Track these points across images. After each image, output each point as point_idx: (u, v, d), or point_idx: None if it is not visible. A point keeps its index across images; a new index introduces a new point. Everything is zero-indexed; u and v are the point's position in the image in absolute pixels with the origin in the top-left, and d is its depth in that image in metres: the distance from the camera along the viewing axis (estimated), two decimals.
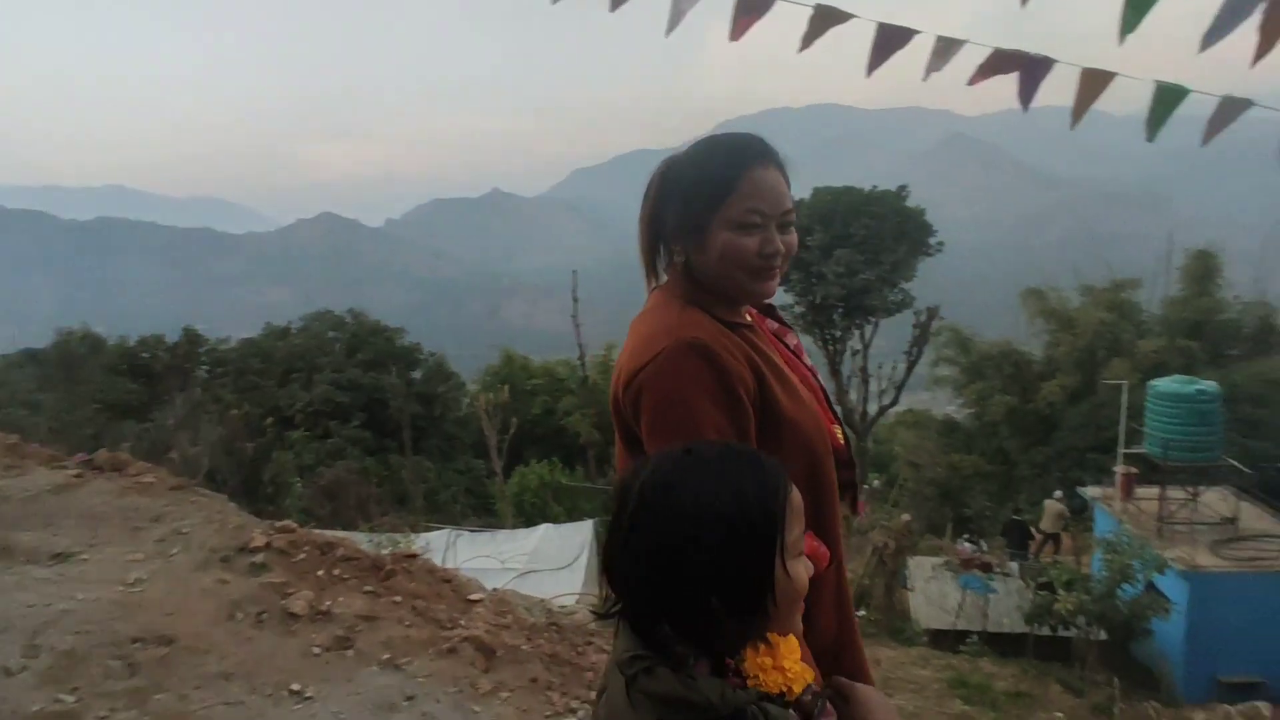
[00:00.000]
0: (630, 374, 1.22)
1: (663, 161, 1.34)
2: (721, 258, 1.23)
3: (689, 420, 1.16)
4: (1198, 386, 11.05)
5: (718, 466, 0.89)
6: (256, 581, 2.79)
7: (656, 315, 1.28)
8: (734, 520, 0.85)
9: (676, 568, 0.84)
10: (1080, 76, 1.42)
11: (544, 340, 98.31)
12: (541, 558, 11.47)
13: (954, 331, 22.79)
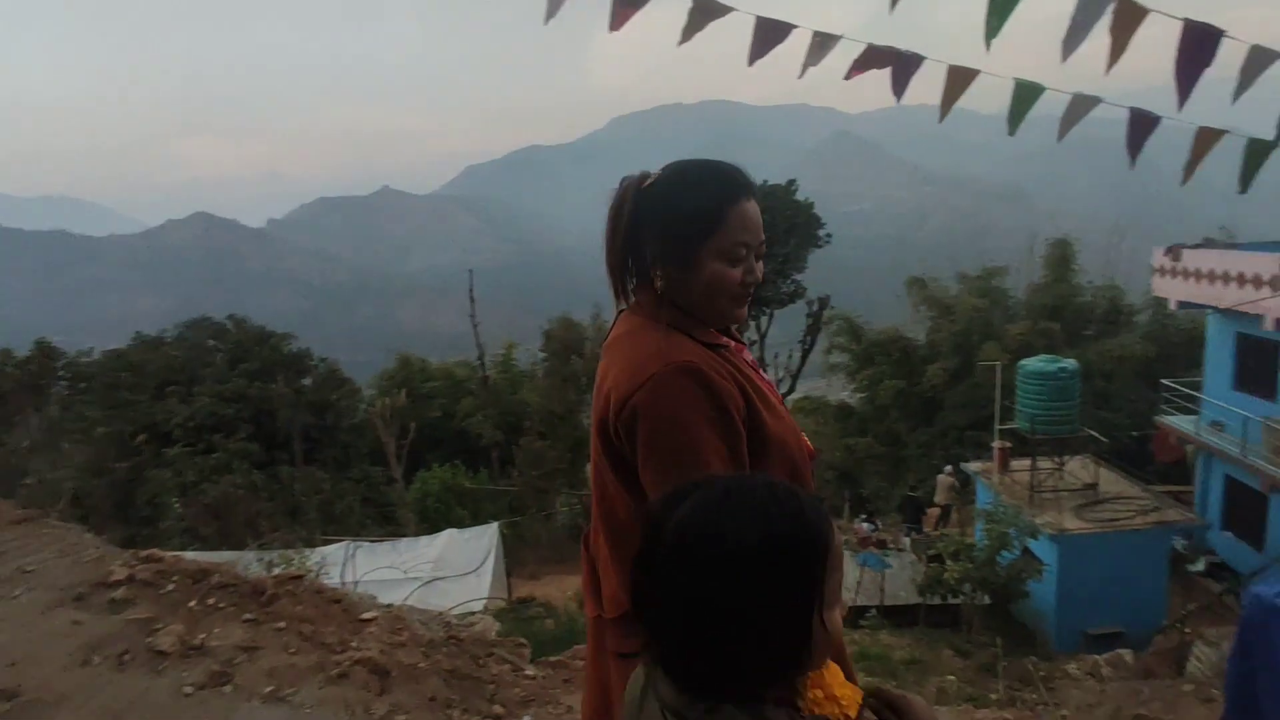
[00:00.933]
0: (622, 399, 1.21)
1: (631, 183, 1.32)
2: (708, 286, 1.27)
3: (686, 443, 1.17)
4: (1060, 365, 11.93)
5: (760, 513, 0.83)
6: (118, 619, 2.53)
7: (640, 339, 1.27)
8: (773, 574, 0.81)
9: (712, 617, 0.81)
10: (947, 73, 1.47)
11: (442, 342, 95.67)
12: (446, 564, 11.17)
13: (845, 320, 23.71)
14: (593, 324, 26.06)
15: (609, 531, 1.37)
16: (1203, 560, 13.02)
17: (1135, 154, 1.48)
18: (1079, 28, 1.29)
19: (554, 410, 23.52)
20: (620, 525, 1.33)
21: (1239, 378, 13.17)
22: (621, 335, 1.34)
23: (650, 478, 1.21)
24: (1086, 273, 22.93)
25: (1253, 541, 12.45)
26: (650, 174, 1.35)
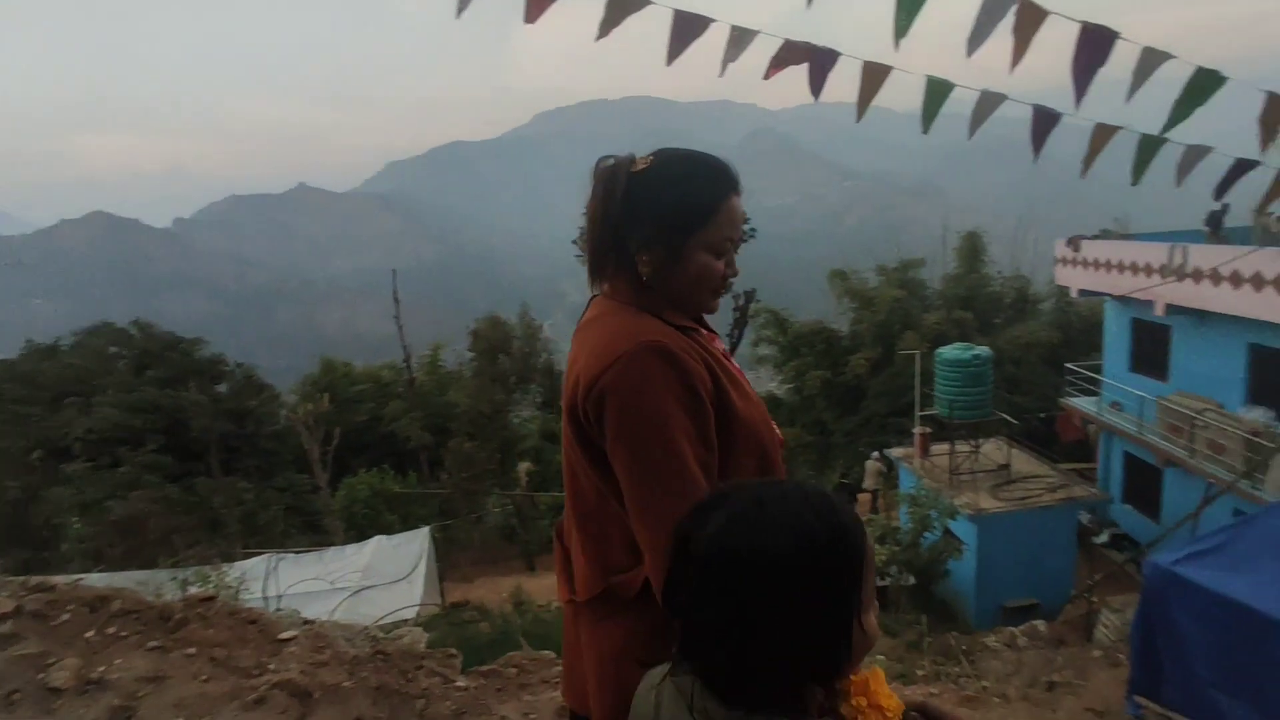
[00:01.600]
0: (591, 379, 1.20)
1: (620, 165, 1.30)
2: (694, 277, 1.29)
3: (655, 421, 1.17)
4: (973, 352, 12.44)
5: (797, 523, 0.83)
6: (3, 656, 2.33)
7: (610, 322, 1.28)
8: (812, 584, 0.81)
9: (753, 630, 0.80)
10: (862, 70, 1.49)
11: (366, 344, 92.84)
12: (376, 573, 10.85)
13: (771, 313, 24.12)
14: (520, 322, 25.78)
15: (578, 516, 1.36)
16: (1106, 532, 13.83)
17: (1038, 149, 1.54)
18: (983, 27, 1.32)
19: (483, 410, 23.17)
20: (590, 509, 1.32)
21: (1135, 360, 14.02)
22: (593, 319, 1.33)
23: (620, 456, 1.20)
24: (996, 263, 24.02)
25: (1150, 513, 13.30)
26: (637, 158, 1.33)
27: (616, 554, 1.30)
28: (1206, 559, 5.78)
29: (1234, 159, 1.74)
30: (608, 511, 1.29)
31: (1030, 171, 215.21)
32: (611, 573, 1.31)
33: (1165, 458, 12.19)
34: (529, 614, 9.91)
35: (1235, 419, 10.90)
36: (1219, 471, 10.68)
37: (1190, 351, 12.36)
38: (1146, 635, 5.95)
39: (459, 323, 31.48)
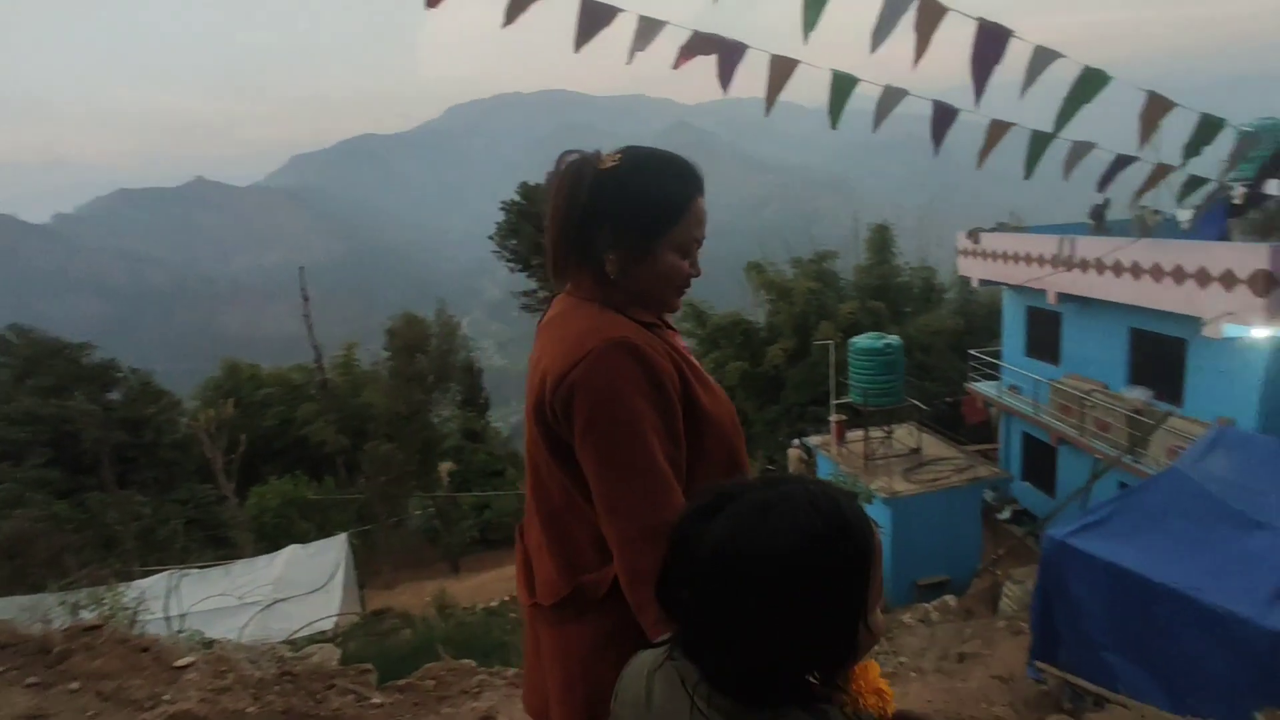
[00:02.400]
0: (559, 376, 1.19)
1: (586, 163, 1.28)
2: (661, 277, 1.29)
3: (625, 418, 1.17)
4: (885, 341, 12.89)
5: (803, 525, 0.82)
6: None
7: (576, 318, 1.27)
8: (819, 585, 0.81)
9: (761, 631, 0.81)
10: (769, 64, 1.49)
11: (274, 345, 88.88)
12: (289, 584, 10.42)
13: (690, 305, 24.36)
14: (437, 320, 25.20)
15: (543, 516, 1.34)
16: (1008, 509, 14.63)
17: (939, 143, 1.58)
18: (886, 22, 1.34)
19: (400, 411, 22.56)
20: (556, 507, 1.31)
21: (1030, 346, 14.85)
22: (557, 315, 1.33)
23: (589, 453, 1.20)
24: (904, 255, 24.97)
25: (1046, 489, 14.14)
26: (603, 155, 1.30)
27: (584, 553, 1.29)
28: (1096, 530, 6.18)
29: (1115, 155, 1.84)
30: (575, 510, 1.28)
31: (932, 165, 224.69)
32: (580, 572, 1.30)
33: (1058, 436, 12.97)
34: (453, 618, 9.72)
35: (1119, 398, 11.69)
36: (1105, 448, 11.43)
37: (1078, 336, 13.18)
38: (1045, 604, 6.32)
39: (373, 321, 30.54)
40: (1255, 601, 5.17)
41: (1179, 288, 10.08)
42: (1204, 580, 5.42)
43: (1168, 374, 11.10)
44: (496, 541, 20.68)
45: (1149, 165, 2.06)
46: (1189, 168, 1.98)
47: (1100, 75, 1.49)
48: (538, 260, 22.57)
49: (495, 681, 3.17)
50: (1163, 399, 11.06)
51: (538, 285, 23.53)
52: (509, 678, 3.23)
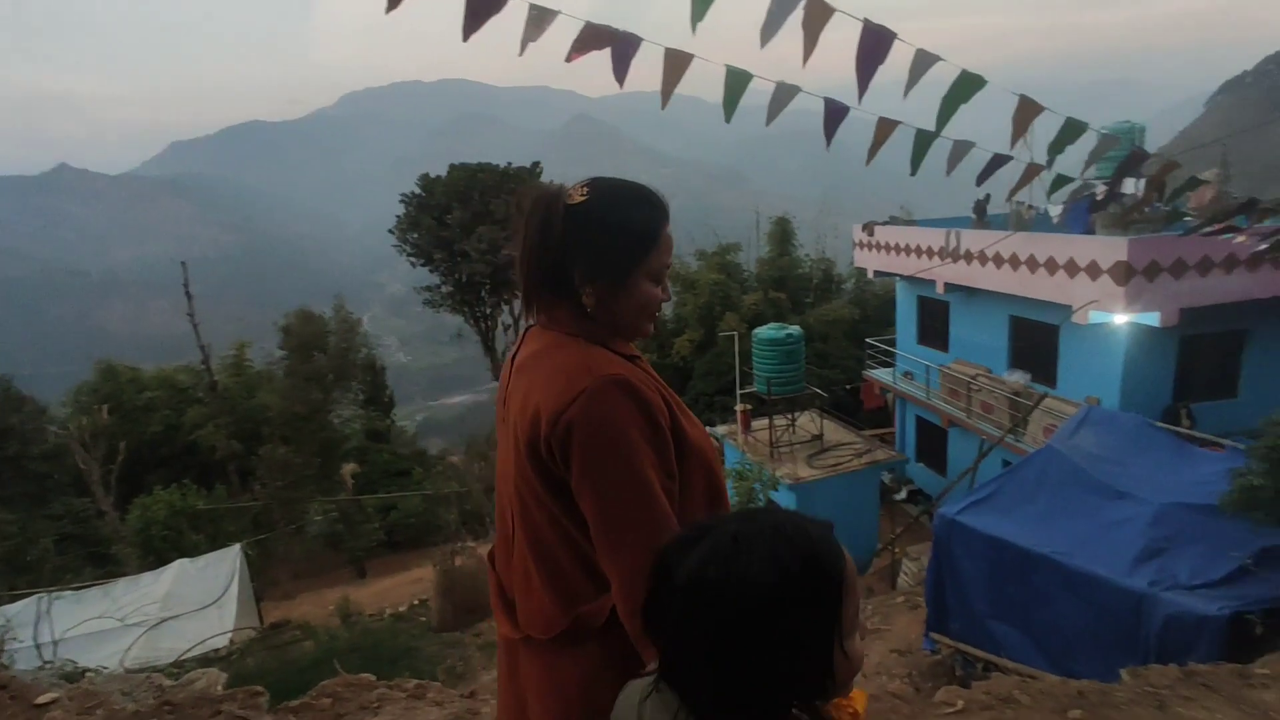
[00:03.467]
0: (554, 414, 1.20)
1: (553, 198, 1.28)
2: (638, 305, 1.31)
3: (625, 455, 1.18)
4: (787, 331, 13.27)
5: (772, 557, 0.84)
6: None
7: (562, 355, 1.27)
8: (791, 615, 0.83)
9: (735, 661, 0.82)
10: (664, 57, 1.50)
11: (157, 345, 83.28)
12: (178, 601, 9.80)
13: None
14: (335, 316, 24.20)
15: (534, 550, 1.34)
16: (904, 490, 15.39)
17: (830, 138, 1.63)
18: (774, 19, 1.37)
19: (298, 412, 21.53)
20: (548, 542, 1.31)
21: (921, 333, 15.64)
22: (538, 352, 1.32)
23: (588, 489, 1.21)
24: (803, 247, 25.77)
25: (938, 469, 14.95)
26: (566, 189, 1.31)
27: (579, 583, 1.30)
28: (981, 506, 6.57)
29: (992, 154, 1.94)
30: (567, 542, 1.29)
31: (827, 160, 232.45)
32: (577, 603, 1.30)
33: (948, 419, 13.72)
34: (358, 626, 9.40)
35: (1001, 382, 12.48)
36: (990, 428, 12.18)
37: (964, 324, 13.98)
38: (937, 578, 6.69)
39: (266, 318, 29.03)
40: (1119, 564, 5.62)
41: (1051, 278, 10.84)
42: (1074, 547, 5.85)
43: (1043, 358, 11.93)
44: (403, 544, 20.12)
45: (1022, 164, 2.19)
46: (1056, 166, 2.12)
47: (976, 79, 1.57)
48: (440, 254, 22.02)
49: (395, 695, 3.07)
50: (1039, 381, 11.87)
51: (440, 280, 22.94)
52: (410, 690, 3.13)
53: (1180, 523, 5.86)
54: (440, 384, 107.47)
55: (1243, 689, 3.18)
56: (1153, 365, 10.46)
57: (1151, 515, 5.92)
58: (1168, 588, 5.34)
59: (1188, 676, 3.30)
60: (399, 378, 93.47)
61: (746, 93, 1.68)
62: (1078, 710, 2.96)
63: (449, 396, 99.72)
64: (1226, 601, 5.12)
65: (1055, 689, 3.20)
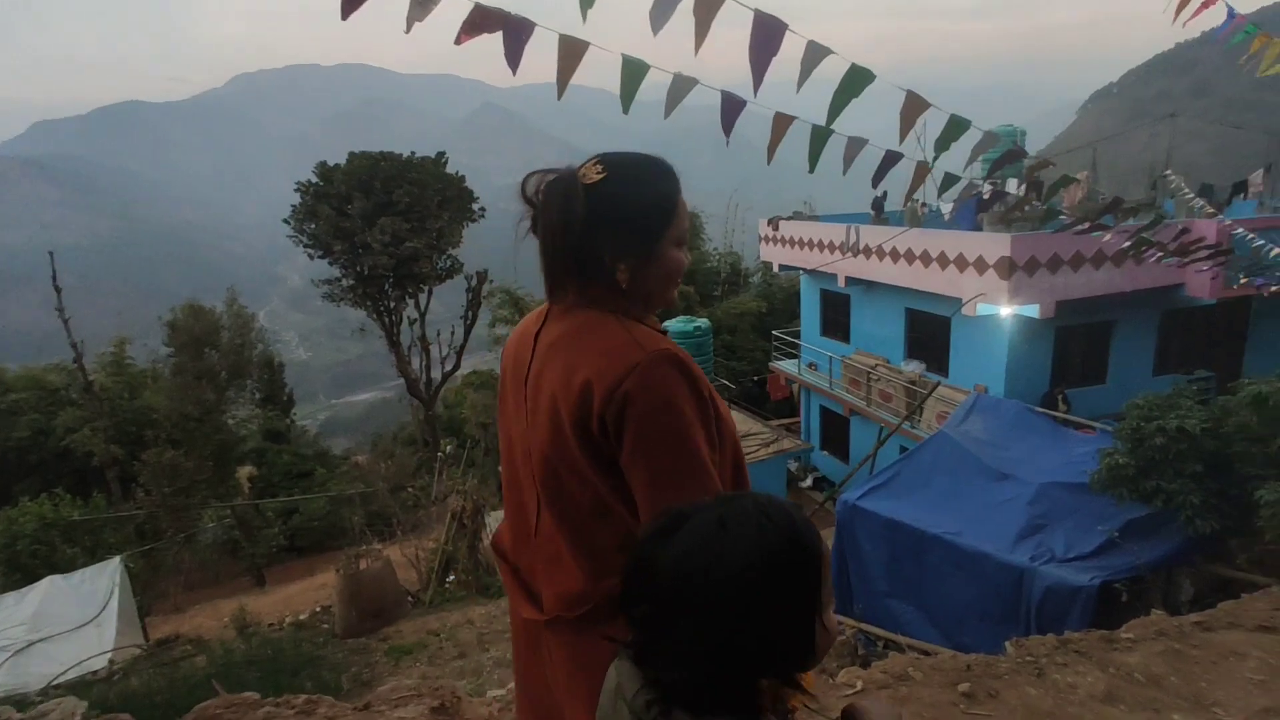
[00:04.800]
0: (609, 388, 1.20)
1: (568, 181, 1.27)
2: (668, 273, 1.33)
3: (679, 427, 1.20)
4: (695, 324, 13.46)
5: (757, 538, 0.86)
6: None
7: (603, 330, 1.27)
8: (778, 595, 0.85)
9: (723, 643, 0.84)
10: (559, 44, 1.46)
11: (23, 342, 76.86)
12: (49, 621, 9.04)
13: (506, 293, 24.04)
14: (228, 310, 22.90)
15: (567, 526, 1.33)
16: (810, 477, 15.90)
17: (728, 132, 1.64)
18: (664, 6, 1.35)
19: (188, 413, 20.27)
20: (582, 517, 1.31)
21: (824, 325, 16.17)
22: (574, 329, 1.31)
23: (642, 462, 1.21)
24: (712, 241, 26.16)
25: (841, 456, 15.52)
26: (579, 168, 1.30)
27: (613, 558, 1.27)
28: (880, 491, 6.86)
29: (885, 151, 2.00)
30: (607, 515, 1.29)
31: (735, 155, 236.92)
32: (607, 576, 1.29)
33: (850, 408, 14.26)
34: (255, 637, 8.93)
35: (898, 371, 13.06)
36: (888, 416, 12.73)
37: (864, 316, 14.54)
38: (840, 562, 6.94)
39: (150, 312, 27.19)
40: (1003, 542, 5.98)
41: (943, 272, 11.40)
42: (963, 527, 6.18)
43: (936, 348, 12.55)
44: (307, 548, 19.28)
45: (913, 162, 2.27)
46: (945, 165, 2.20)
47: (865, 73, 1.61)
48: (339, 246, 21.10)
49: (284, 712, 2.92)
50: (933, 370, 12.48)
51: (341, 273, 22.01)
52: (299, 705, 2.98)
53: (1056, 501, 6.30)
54: (344, 381, 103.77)
55: (1110, 653, 3.44)
56: (1033, 354, 11.17)
57: (1031, 495, 6.33)
58: (1045, 562, 5.72)
59: (1063, 644, 3.54)
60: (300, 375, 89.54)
61: (654, 87, 1.66)
62: (966, 684, 3.13)
63: (354, 394, 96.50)
64: (1097, 572, 5.54)
65: (946, 664, 3.36)
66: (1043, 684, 3.19)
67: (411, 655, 8.30)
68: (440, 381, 23.81)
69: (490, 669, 7.32)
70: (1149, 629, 3.68)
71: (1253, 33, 2.48)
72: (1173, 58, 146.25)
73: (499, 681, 6.43)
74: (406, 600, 10.69)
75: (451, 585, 11.33)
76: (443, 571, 11.36)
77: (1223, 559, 6.25)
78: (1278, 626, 3.75)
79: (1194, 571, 6.25)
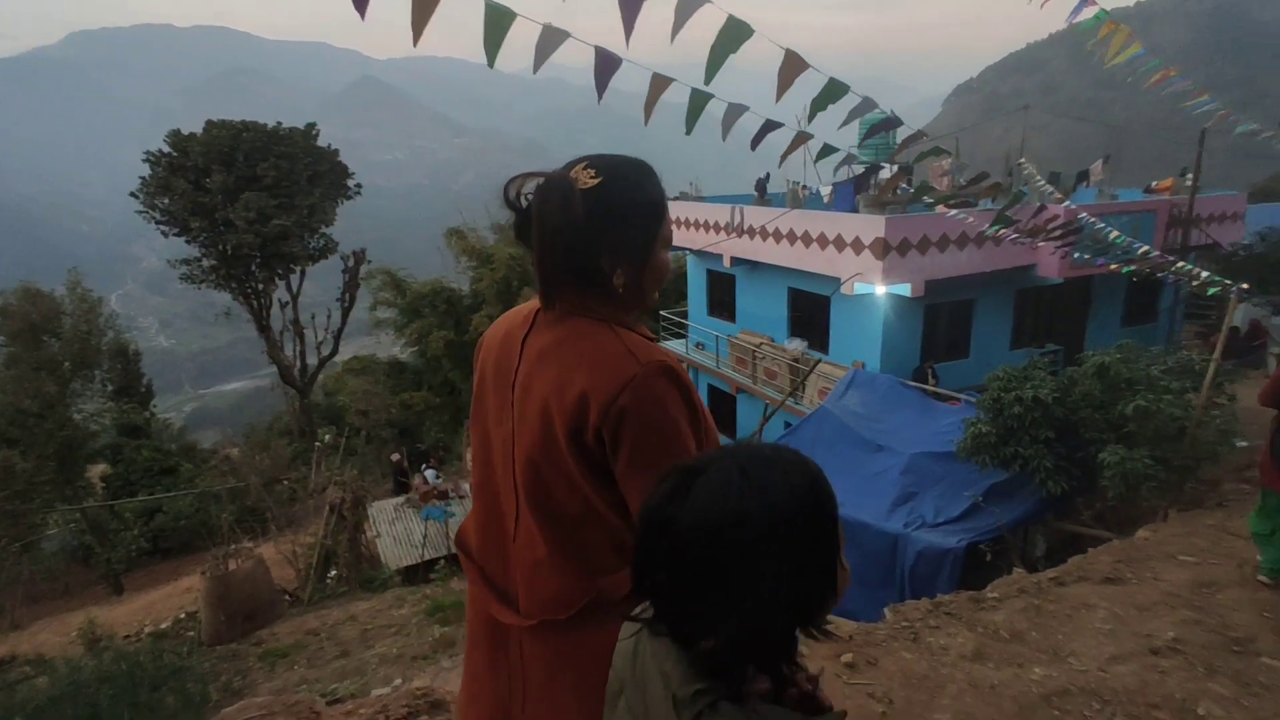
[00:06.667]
0: (606, 401, 1.20)
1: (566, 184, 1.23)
2: (658, 276, 1.34)
3: (674, 439, 1.22)
4: None
5: (784, 482, 0.84)
6: None
7: (596, 340, 1.27)
8: (809, 536, 0.84)
9: (763, 600, 0.82)
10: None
11: None
12: None
13: (387, 274, 23.09)
14: (71, 294, 20.75)
15: (558, 533, 1.33)
16: None
17: (601, 91, 1.53)
18: None
19: (26, 408, 18.28)
20: (572, 519, 1.32)
21: (711, 305, 16.44)
22: (564, 338, 1.30)
23: (638, 474, 1.22)
24: None
25: (729, 433, 15.86)
26: (573, 172, 1.26)
27: (603, 557, 1.31)
28: None
29: (765, 119, 1.95)
30: (596, 518, 1.30)
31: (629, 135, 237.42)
32: (599, 575, 1.31)
33: (736, 386, 14.59)
34: (108, 651, 8.17)
35: (782, 350, 13.45)
36: (773, 393, 13.11)
37: (749, 296, 14.88)
38: None
39: None
40: (879, 510, 6.25)
41: (823, 252, 11.79)
42: (844, 498, 6.38)
43: (817, 326, 13.01)
44: (172, 550, 17.89)
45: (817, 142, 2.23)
46: (825, 137, 2.18)
47: (743, 27, 1.55)
48: (198, 223, 19.50)
49: None
50: (815, 348, 12.94)
51: (201, 252, 20.37)
52: None
53: (926, 469, 6.65)
54: (212, 370, 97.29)
55: (978, 613, 3.64)
56: (905, 331, 11.77)
57: (904, 464, 6.65)
58: (917, 527, 6.03)
59: (936, 608, 3.72)
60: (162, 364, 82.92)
61: (548, 65, 1.53)
62: (849, 654, 3.22)
63: (223, 383, 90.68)
64: (963, 535, 5.89)
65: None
66: (918, 648, 3.32)
67: (289, 658, 7.84)
68: (317, 368, 22.59)
69: (375, 666, 7.02)
70: (1012, 587, 3.92)
71: (1102, 18, 2.61)
72: (1025, 57, 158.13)
73: (384, 679, 6.16)
74: (283, 600, 10.11)
75: (333, 581, 10.82)
76: (323, 567, 10.81)
77: (1070, 516, 6.81)
78: (1120, 578, 4.09)
79: (1046, 529, 6.78)
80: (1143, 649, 3.29)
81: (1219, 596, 3.86)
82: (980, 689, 2.99)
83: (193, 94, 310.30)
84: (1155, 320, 14.22)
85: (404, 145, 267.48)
